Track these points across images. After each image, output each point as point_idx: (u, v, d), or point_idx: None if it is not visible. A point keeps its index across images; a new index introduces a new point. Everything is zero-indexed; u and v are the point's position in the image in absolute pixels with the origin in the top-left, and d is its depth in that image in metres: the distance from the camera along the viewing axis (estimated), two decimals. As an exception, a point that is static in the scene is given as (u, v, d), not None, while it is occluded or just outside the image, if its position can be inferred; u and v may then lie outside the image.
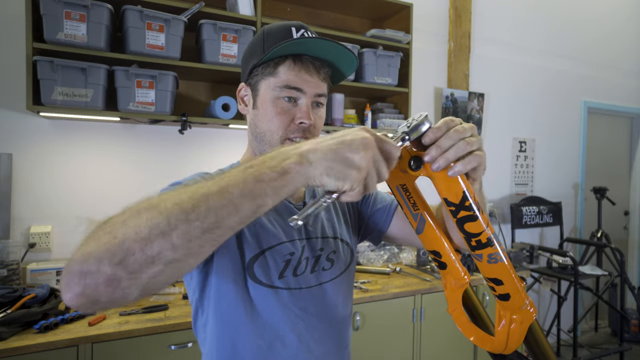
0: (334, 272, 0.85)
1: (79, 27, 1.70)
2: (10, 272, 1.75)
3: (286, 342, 0.77)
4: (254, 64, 0.80)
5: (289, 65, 0.77)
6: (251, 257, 0.75)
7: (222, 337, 0.76)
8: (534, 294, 3.68)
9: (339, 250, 0.88)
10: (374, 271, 2.29)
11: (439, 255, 0.70)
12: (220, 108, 1.99)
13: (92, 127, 2.05)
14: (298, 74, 0.77)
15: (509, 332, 0.66)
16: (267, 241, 0.78)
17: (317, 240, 0.84)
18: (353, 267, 0.92)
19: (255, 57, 0.80)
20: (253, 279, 0.75)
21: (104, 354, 1.45)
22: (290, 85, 0.77)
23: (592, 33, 3.94)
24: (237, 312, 0.75)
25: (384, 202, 0.98)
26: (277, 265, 0.77)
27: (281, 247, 0.79)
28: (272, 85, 0.78)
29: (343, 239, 0.90)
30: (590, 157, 4.04)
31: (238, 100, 0.87)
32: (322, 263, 0.84)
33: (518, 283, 0.63)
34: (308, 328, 0.79)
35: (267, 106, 0.79)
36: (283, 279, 0.77)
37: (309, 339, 0.79)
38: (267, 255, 0.77)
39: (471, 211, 0.56)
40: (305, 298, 0.80)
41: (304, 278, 0.80)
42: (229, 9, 2.08)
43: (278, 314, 0.76)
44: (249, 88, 0.84)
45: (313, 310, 0.80)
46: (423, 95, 3.02)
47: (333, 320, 0.84)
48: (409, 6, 2.50)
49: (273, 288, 0.76)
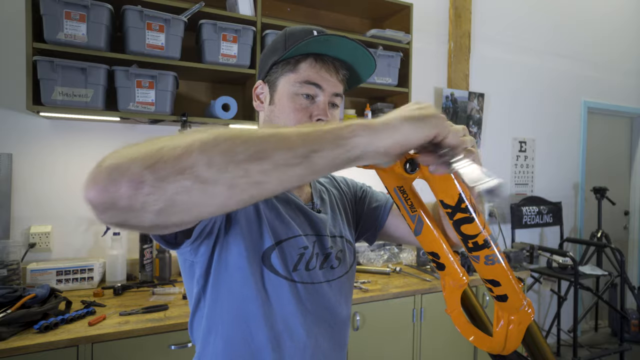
0: (341, 271, 0.86)
1: (79, 27, 1.70)
2: (10, 272, 1.76)
3: (294, 336, 0.77)
4: (274, 61, 0.80)
5: (311, 62, 0.78)
6: (268, 247, 0.75)
7: (232, 328, 0.74)
8: (534, 294, 3.68)
9: (345, 249, 0.89)
10: (374, 271, 2.29)
11: (437, 257, 0.70)
12: (220, 108, 1.99)
13: (92, 127, 2.05)
14: (319, 72, 0.78)
15: (507, 332, 0.66)
16: (285, 232, 0.78)
17: (326, 238, 0.85)
18: (355, 267, 0.93)
19: (276, 54, 0.80)
20: (270, 268, 0.74)
21: (104, 354, 1.45)
22: (310, 80, 0.77)
23: (592, 33, 3.94)
24: (250, 302, 0.73)
25: (379, 201, 0.99)
26: (292, 258, 0.77)
27: (297, 239, 0.79)
28: (291, 81, 0.78)
29: (347, 238, 0.91)
30: (590, 157, 4.04)
31: (254, 97, 0.87)
32: (332, 261, 0.84)
33: (515, 284, 0.63)
34: (315, 323, 0.79)
35: (285, 102, 0.79)
36: (297, 272, 0.77)
37: (316, 334, 0.79)
38: (284, 246, 0.77)
39: (467, 213, 0.57)
40: (315, 293, 0.80)
41: (315, 273, 0.80)
42: (229, 9, 2.08)
43: (290, 307, 0.76)
44: (266, 85, 0.84)
45: (321, 306, 0.81)
46: (423, 95, 3.02)
47: (337, 318, 0.84)
48: (409, 6, 2.50)
49: (289, 280, 0.76)
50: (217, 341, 0.75)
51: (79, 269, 1.88)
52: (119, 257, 1.97)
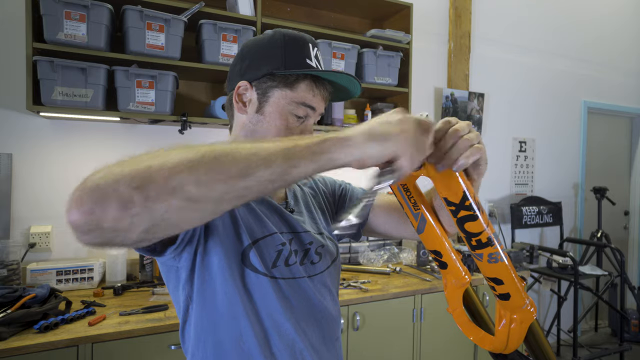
0: (322, 266, 0.87)
1: (79, 27, 1.70)
2: (10, 272, 1.75)
3: (282, 332, 0.77)
4: (269, 71, 0.78)
5: (309, 84, 0.79)
6: (246, 246, 0.75)
7: (220, 331, 0.74)
8: (534, 294, 3.68)
9: (326, 244, 0.90)
10: (374, 271, 2.29)
11: (439, 255, 0.70)
12: (220, 108, 1.99)
13: (92, 127, 2.05)
14: (316, 95, 0.80)
15: (509, 331, 0.66)
16: (261, 231, 0.78)
17: (303, 235, 0.86)
18: (339, 261, 0.94)
19: (273, 63, 0.79)
20: (250, 267, 0.75)
21: (104, 354, 1.45)
22: (307, 103, 0.79)
23: (592, 33, 3.94)
24: (235, 302, 0.73)
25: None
26: (270, 255, 0.78)
27: (273, 237, 0.79)
28: (287, 98, 0.78)
29: (326, 234, 0.93)
30: (590, 157, 4.04)
31: (234, 97, 0.82)
32: (312, 256, 0.85)
33: (518, 283, 0.63)
34: (302, 318, 0.80)
35: (276, 117, 0.79)
36: (276, 269, 0.78)
37: (304, 329, 0.79)
38: (261, 244, 0.77)
39: (471, 211, 0.56)
40: (297, 288, 0.80)
41: (295, 269, 0.81)
42: (229, 9, 2.08)
43: (275, 304, 0.76)
44: (254, 90, 0.80)
45: (305, 301, 0.81)
46: (423, 95, 3.02)
47: (324, 312, 0.84)
48: (409, 6, 2.50)
49: (269, 277, 0.76)
50: (207, 347, 0.75)
51: (79, 269, 1.88)
52: (119, 257, 1.97)
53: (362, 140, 0.51)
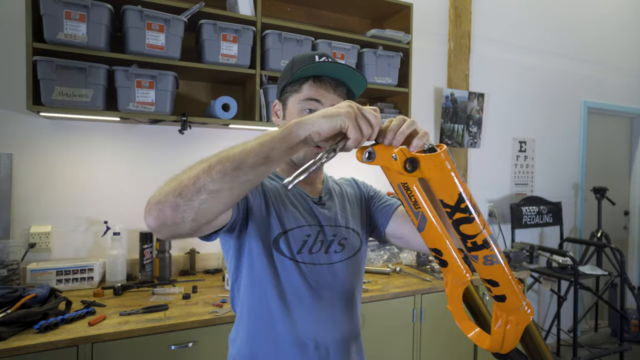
0: (343, 256, 1.01)
1: (79, 27, 1.71)
2: (10, 272, 1.76)
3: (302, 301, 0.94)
4: (284, 84, 1.01)
5: (310, 83, 0.97)
6: (277, 235, 0.94)
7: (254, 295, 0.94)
8: (534, 293, 3.68)
9: (349, 237, 1.03)
10: (374, 271, 2.29)
11: (440, 253, 0.71)
12: (220, 108, 1.99)
13: (92, 127, 2.05)
14: (318, 90, 0.96)
15: (505, 332, 0.66)
16: (290, 224, 0.96)
17: (331, 228, 1.01)
18: (362, 254, 1.07)
19: (286, 78, 1.00)
20: (278, 251, 0.94)
21: (104, 354, 1.45)
22: (310, 97, 0.96)
23: (592, 33, 3.94)
24: (266, 275, 0.93)
25: (388, 202, 1.12)
26: (296, 243, 0.95)
27: (301, 229, 0.97)
28: (297, 100, 0.98)
29: (354, 228, 1.06)
30: (590, 157, 4.04)
31: (272, 113, 1.08)
32: (334, 247, 1.00)
33: (515, 285, 0.63)
34: (322, 298, 0.95)
35: (293, 117, 0.97)
36: (300, 255, 0.95)
37: (322, 298, 0.95)
38: (289, 234, 0.95)
39: (467, 213, 0.57)
40: (318, 273, 0.96)
41: (318, 256, 0.97)
42: (229, 9, 2.08)
43: (297, 282, 0.94)
44: (280, 103, 1.04)
45: (325, 284, 0.96)
46: (423, 95, 3.02)
47: (342, 295, 0.99)
48: (409, 6, 2.50)
49: (293, 261, 0.94)
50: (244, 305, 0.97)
51: (79, 269, 1.88)
52: (119, 257, 1.97)
53: (316, 118, 0.67)
